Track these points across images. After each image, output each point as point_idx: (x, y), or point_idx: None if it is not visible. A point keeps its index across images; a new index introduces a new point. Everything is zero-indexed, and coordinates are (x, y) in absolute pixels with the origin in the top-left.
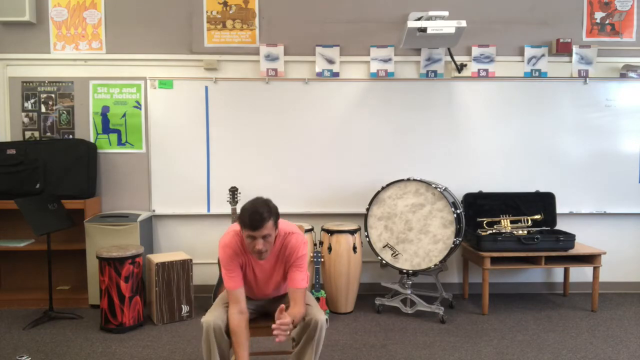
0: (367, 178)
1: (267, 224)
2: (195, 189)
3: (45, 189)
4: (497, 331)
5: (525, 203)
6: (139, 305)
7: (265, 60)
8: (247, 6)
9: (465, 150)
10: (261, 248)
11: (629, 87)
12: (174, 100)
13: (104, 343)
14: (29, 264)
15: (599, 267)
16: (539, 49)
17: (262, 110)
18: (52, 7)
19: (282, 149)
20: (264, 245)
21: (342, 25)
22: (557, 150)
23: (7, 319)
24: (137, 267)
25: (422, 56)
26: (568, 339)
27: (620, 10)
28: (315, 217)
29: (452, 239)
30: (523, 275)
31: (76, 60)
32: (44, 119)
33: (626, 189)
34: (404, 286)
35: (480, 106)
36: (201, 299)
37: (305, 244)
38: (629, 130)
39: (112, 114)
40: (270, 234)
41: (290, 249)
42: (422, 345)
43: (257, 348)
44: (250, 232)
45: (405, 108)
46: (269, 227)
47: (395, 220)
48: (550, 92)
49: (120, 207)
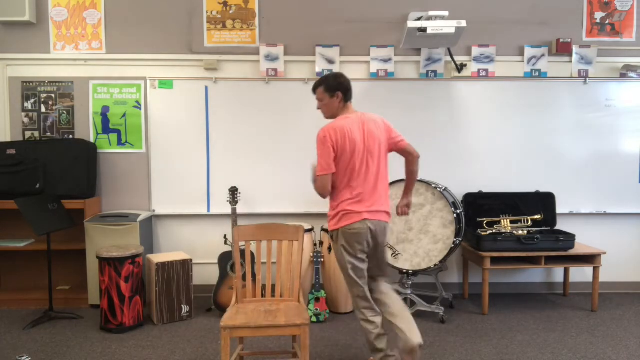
0: None
1: (317, 89)
2: (195, 189)
3: (45, 189)
4: (497, 331)
5: (525, 203)
6: (139, 305)
7: (265, 60)
8: (247, 6)
9: (465, 150)
10: (319, 106)
11: (629, 87)
12: (174, 100)
13: (104, 343)
14: (29, 264)
15: (599, 267)
16: (539, 49)
17: (262, 110)
18: (52, 7)
19: (282, 149)
20: (318, 104)
21: (342, 25)
22: (557, 150)
23: (7, 319)
24: (137, 267)
25: (422, 56)
26: (568, 339)
27: (620, 10)
28: (315, 217)
29: (452, 239)
30: (523, 275)
31: (76, 60)
32: (44, 119)
33: (626, 189)
34: (404, 286)
35: (480, 106)
36: (201, 299)
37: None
38: (629, 130)
39: (112, 114)
40: (322, 99)
41: None
42: (422, 345)
43: (257, 348)
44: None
45: (405, 108)
46: (319, 93)
47: (395, 220)
48: (550, 92)
49: (120, 207)
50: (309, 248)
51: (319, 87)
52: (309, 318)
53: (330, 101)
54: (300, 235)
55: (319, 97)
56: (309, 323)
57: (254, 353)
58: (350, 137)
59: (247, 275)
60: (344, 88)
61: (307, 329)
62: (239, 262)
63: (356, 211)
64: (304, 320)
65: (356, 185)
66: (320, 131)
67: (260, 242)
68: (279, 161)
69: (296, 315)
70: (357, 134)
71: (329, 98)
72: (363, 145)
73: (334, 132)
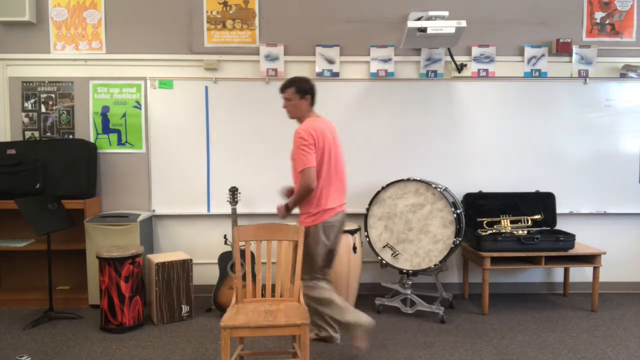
0: (367, 178)
1: (285, 90)
2: (195, 189)
3: (45, 189)
4: (497, 331)
5: (525, 203)
6: (139, 305)
7: (265, 60)
8: (247, 6)
9: (465, 150)
10: (285, 105)
11: (629, 87)
12: (174, 100)
13: (104, 343)
14: (29, 264)
15: (599, 267)
16: (539, 49)
17: (262, 110)
18: (52, 7)
19: (282, 149)
20: (286, 105)
21: (342, 25)
22: (557, 150)
23: (7, 319)
24: (137, 267)
25: (422, 56)
26: (568, 339)
27: (620, 10)
28: None
29: (452, 239)
30: (523, 275)
31: (76, 60)
32: (44, 119)
33: (626, 189)
34: (404, 286)
35: (480, 106)
36: (201, 299)
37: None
38: (629, 130)
39: (112, 114)
40: (290, 99)
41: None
42: (422, 345)
43: (257, 348)
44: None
45: (405, 108)
46: (287, 93)
47: (395, 220)
48: (550, 92)
49: (120, 207)
50: None
51: (289, 88)
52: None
53: (299, 102)
54: (300, 235)
55: (288, 96)
56: (309, 323)
57: (254, 353)
58: (325, 138)
59: (247, 275)
60: (313, 92)
61: (307, 329)
62: (239, 262)
63: (334, 206)
64: (304, 320)
65: (332, 182)
66: (302, 131)
67: (260, 242)
68: (279, 161)
69: (296, 315)
70: (328, 134)
71: (298, 99)
72: (333, 145)
73: (315, 132)
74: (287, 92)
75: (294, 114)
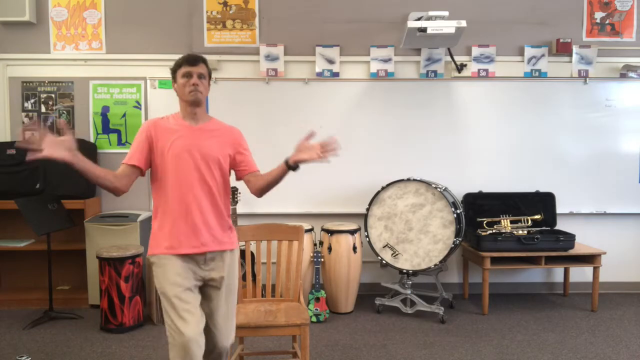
0: (367, 178)
1: (202, 64)
2: None
3: (45, 189)
4: (497, 331)
5: (525, 203)
6: (139, 305)
7: (265, 60)
8: (247, 6)
9: (465, 150)
10: (197, 82)
11: (629, 87)
12: (174, 100)
13: (104, 343)
14: (29, 264)
15: (599, 267)
16: (539, 49)
17: (262, 110)
18: (52, 7)
19: (281, 149)
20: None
21: (342, 25)
22: (557, 150)
23: (7, 319)
24: (137, 267)
25: (422, 56)
26: (568, 339)
27: (620, 10)
28: (315, 217)
29: (452, 239)
30: (523, 275)
31: (76, 60)
32: (44, 119)
33: (626, 189)
34: (404, 286)
35: (480, 106)
36: None
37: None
38: (629, 130)
39: (112, 114)
40: (205, 77)
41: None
42: (422, 345)
43: (257, 348)
44: (187, 67)
45: (405, 108)
46: (204, 69)
47: (395, 220)
48: (550, 92)
49: (120, 207)
50: (309, 248)
51: (204, 63)
52: (309, 318)
53: (209, 84)
54: (300, 235)
55: (204, 72)
56: (309, 323)
57: (254, 353)
58: None
59: (247, 275)
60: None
61: (307, 329)
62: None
63: None
64: (304, 320)
65: None
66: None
67: (260, 242)
68: (279, 161)
69: (296, 315)
70: None
71: (208, 80)
72: None
73: None
74: (203, 67)
75: (204, 95)
